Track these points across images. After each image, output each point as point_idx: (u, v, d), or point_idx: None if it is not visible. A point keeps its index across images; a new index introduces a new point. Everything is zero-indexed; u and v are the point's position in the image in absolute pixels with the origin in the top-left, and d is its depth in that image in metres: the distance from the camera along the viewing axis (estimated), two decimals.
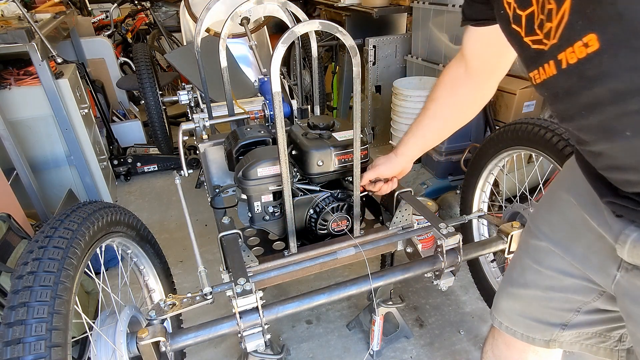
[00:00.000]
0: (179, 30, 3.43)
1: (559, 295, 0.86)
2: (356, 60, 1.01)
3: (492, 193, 1.69)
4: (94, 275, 1.01)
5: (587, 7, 0.49)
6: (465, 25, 0.89)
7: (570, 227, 0.81)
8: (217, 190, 1.52)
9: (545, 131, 1.29)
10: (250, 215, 1.31)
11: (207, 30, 2.16)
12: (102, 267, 1.11)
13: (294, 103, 1.82)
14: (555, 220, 0.85)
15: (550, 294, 0.87)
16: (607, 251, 0.72)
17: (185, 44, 2.81)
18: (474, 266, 1.76)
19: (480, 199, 1.69)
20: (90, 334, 0.93)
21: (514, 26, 0.64)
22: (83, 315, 0.89)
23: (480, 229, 1.75)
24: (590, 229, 0.76)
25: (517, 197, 1.55)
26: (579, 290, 0.83)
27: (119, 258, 1.19)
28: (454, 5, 2.45)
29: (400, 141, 1.21)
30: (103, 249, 1.06)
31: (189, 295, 1.01)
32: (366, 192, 1.32)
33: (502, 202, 1.62)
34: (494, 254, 1.62)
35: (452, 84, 1.03)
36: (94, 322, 0.94)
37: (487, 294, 1.73)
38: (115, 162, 3.13)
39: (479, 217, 1.63)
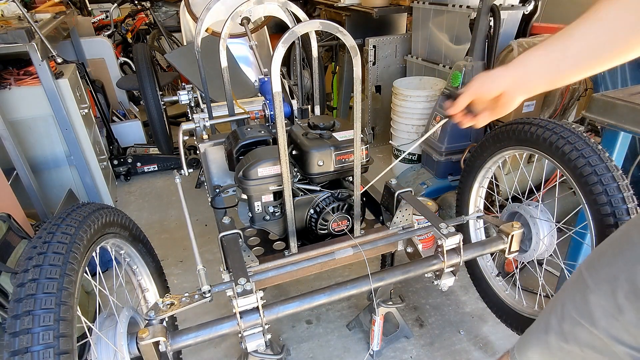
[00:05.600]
0: (179, 30, 3.43)
1: (600, 357, 0.77)
2: (357, 60, 1.01)
3: (489, 193, 1.69)
4: (90, 278, 1.01)
5: None
6: None
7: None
8: (217, 190, 1.52)
9: (544, 131, 1.29)
10: (250, 215, 1.31)
11: (207, 30, 2.16)
12: (98, 269, 1.11)
13: (294, 103, 1.82)
14: (622, 276, 0.73)
15: (590, 353, 0.78)
16: None
17: (185, 44, 2.81)
18: (472, 266, 1.75)
19: (478, 199, 1.68)
20: (90, 337, 0.93)
21: None
22: (83, 319, 0.89)
23: (477, 229, 1.75)
24: None
25: (523, 196, 1.55)
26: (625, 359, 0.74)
27: (113, 259, 1.19)
28: (453, 5, 2.45)
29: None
30: (98, 251, 1.06)
31: (187, 294, 1.02)
32: (365, 190, 1.32)
33: (499, 201, 1.62)
34: (491, 253, 1.62)
35: None
36: (92, 324, 0.94)
37: (486, 293, 1.73)
38: (115, 162, 3.13)
39: (478, 217, 1.63)
